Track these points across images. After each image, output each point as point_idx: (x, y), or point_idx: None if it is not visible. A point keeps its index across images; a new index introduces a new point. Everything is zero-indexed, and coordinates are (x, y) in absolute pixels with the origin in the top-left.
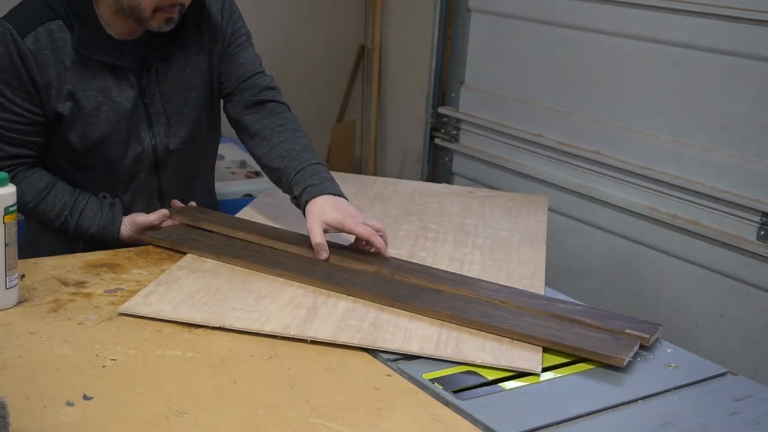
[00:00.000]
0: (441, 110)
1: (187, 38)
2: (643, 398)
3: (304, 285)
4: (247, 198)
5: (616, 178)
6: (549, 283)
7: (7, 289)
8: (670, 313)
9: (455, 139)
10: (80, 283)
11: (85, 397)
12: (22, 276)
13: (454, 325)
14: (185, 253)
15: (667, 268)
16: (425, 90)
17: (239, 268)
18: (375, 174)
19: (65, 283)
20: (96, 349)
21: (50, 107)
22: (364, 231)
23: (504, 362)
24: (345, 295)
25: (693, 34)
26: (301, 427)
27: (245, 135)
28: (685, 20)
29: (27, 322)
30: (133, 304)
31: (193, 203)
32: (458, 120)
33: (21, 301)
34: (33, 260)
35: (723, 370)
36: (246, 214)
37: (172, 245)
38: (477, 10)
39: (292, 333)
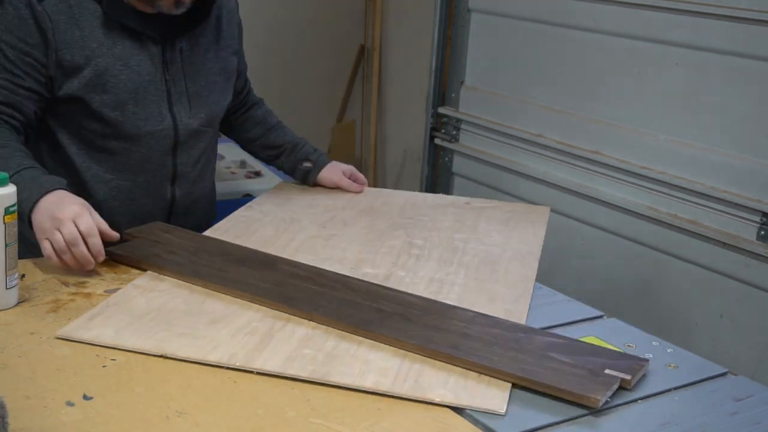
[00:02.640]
0: (441, 110)
1: (210, 24)
2: (643, 398)
3: (264, 308)
4: (247, 198)
5: (616, 178)
6: (548, 283)
7: (7, 289)
8: (670, 313)
9: (455, 139)
10: (80, 283)
11: (85, 397)
12: (22, 276)
13: (419, 356)
14: (146, 270)
15: (667, 268)
16: (425, 90)
17: (199, 287)
18: (375, 174)
19: (65, 283)
20: (96, 349)
21: (60, 72)
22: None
23: (465, 401)
24: (306, 320)
25: (693, 34)
26: (301, 427)
27: (230, 125)
28: (685, 20)
29: (27, 322)
30: (73, 328)
31: (158, 222)
32: (458, 120)
33: (21, 301)
34: (33, 260)
35: (723, 370)
36: (219, 229)
37: (133, 262)
38: (477, 10)
39: (238, 364)
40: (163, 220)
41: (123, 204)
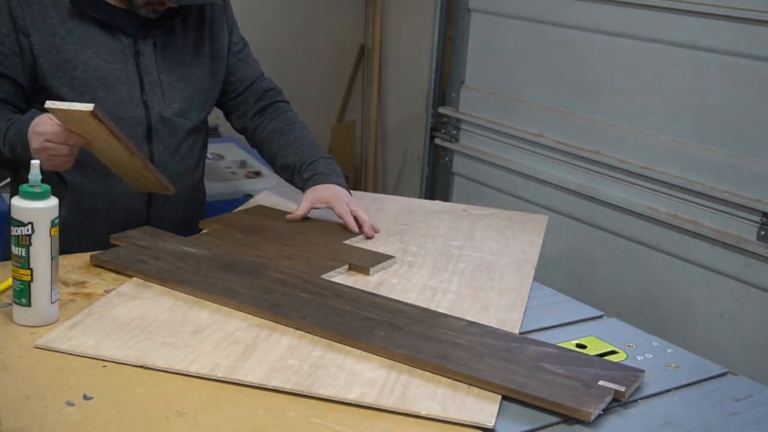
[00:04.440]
0: (441, 110)
1: (188, 20)
2: (643, 398)
3: (250, 316)
4: (247, 198)
5: (616, 178)
6: (548, 283)
7: (51, 303)
8: (670, 313)
9: (455, 139)
10: (80, 283)
11: (85, 397)
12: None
13: (407, 366)
14: (132, 277)
15: (667, 268)
16: (425, 90)
17: (184, 295)
18: (375, 174)
19: (65, 283)
20: None
21: (33, 56)
22: (341, 209)
23: (453, 414)
24: (293, 329)
25: (693, 34)
26: (301, 427)
27: (256, 140)
28: (685, 20)
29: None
30: (53, 338)
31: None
32: (458, 120)
33: None
34: None
35: (723, 370)
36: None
37: (118, 268)
38: (477, 10)
39: (220, 375)
40: (143, 209)
41: (100, 188)
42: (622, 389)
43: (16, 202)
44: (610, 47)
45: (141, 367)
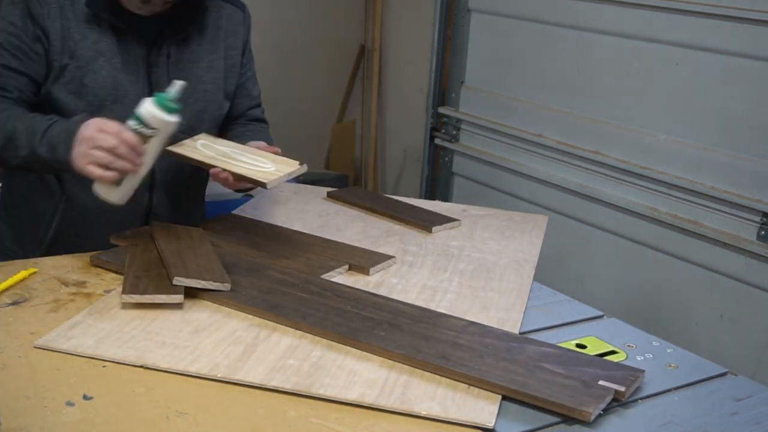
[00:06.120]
0: (441, 110)
1: (204, 31)
2: (643, 398)
3: (250, 316)
4: (247, 198)
5: (616, 178)
6: (548, 283)
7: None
8: (670, 313)
9: (455, 139)
10: (80, 283)
11: (85, 397)
12: None
13: (407, 366)
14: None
15: (667, 268)
16: (425, 90)
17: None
18: (375, 174)
19: (65, 283)
20: None
21: (49, 58)
22: (256, 144)
23: (453, 414)
24: (292, 329)
25: (693, 34)
26: (301, 427)
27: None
28: (685, 20)
29: (27, 322)
30: (52, 338)
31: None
32: (458, 120)
33: (20, 301)
34: (33, 260)
35: (723, 370)
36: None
37: (118, 268)
38: (477, 10)
39: (220, 375)
40: (140, 222)
41: (100, 206)
42: (622, 389)
43: (151, 107)
44: (611, 47)
45: (141, 367)
